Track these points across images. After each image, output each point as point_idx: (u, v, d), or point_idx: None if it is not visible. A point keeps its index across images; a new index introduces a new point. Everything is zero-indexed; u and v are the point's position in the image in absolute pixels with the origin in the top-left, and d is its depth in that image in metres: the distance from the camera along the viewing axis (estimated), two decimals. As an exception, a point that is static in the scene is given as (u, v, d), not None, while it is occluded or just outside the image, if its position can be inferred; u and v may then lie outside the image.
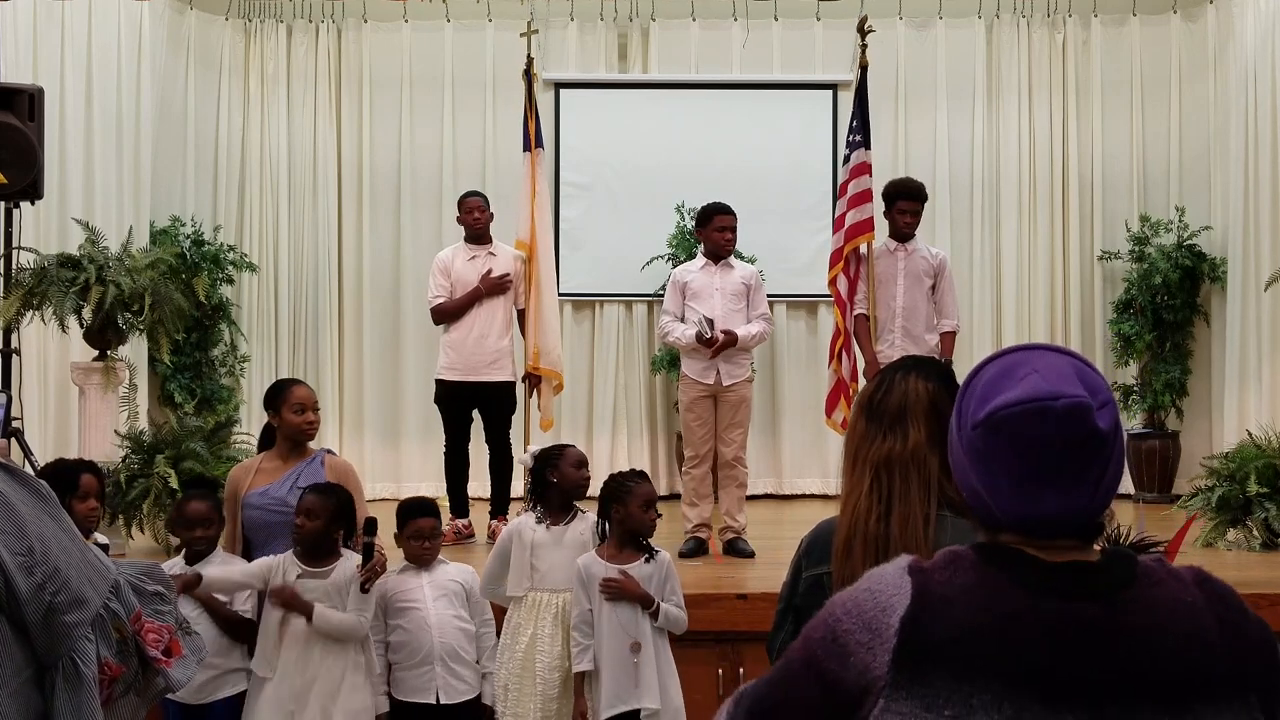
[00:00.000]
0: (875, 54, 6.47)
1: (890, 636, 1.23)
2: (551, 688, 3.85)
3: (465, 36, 8.40)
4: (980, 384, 1.31)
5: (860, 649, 1.24)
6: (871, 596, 1.27)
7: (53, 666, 1.31)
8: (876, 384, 2.02)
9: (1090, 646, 1.22)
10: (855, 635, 1.25)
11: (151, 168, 7.69)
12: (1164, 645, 1.22)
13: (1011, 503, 1.27)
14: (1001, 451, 1.26)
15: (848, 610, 1.27)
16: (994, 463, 1.27)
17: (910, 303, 5.82)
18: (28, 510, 1.31)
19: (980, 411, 1.27)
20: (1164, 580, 1.28)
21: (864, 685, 1.23)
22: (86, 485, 3.69)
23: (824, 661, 1.27)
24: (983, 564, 1.27)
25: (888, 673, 1.22)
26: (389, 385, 8.36)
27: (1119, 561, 1.29)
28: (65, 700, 1.32)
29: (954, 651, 1.21)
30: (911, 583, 1.26)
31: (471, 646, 3.94)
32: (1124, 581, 1.26)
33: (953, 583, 1.25)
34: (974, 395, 1.31)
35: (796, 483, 8.28)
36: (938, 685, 1.20)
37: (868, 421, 1.98)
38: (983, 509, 1.32)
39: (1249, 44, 7.46)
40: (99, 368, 5.78)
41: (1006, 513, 1.28)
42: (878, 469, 1.92)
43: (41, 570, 1.30)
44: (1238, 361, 7.41)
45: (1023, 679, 1.20)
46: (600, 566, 3.77)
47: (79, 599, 1.34)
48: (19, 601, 1.28)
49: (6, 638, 1.27)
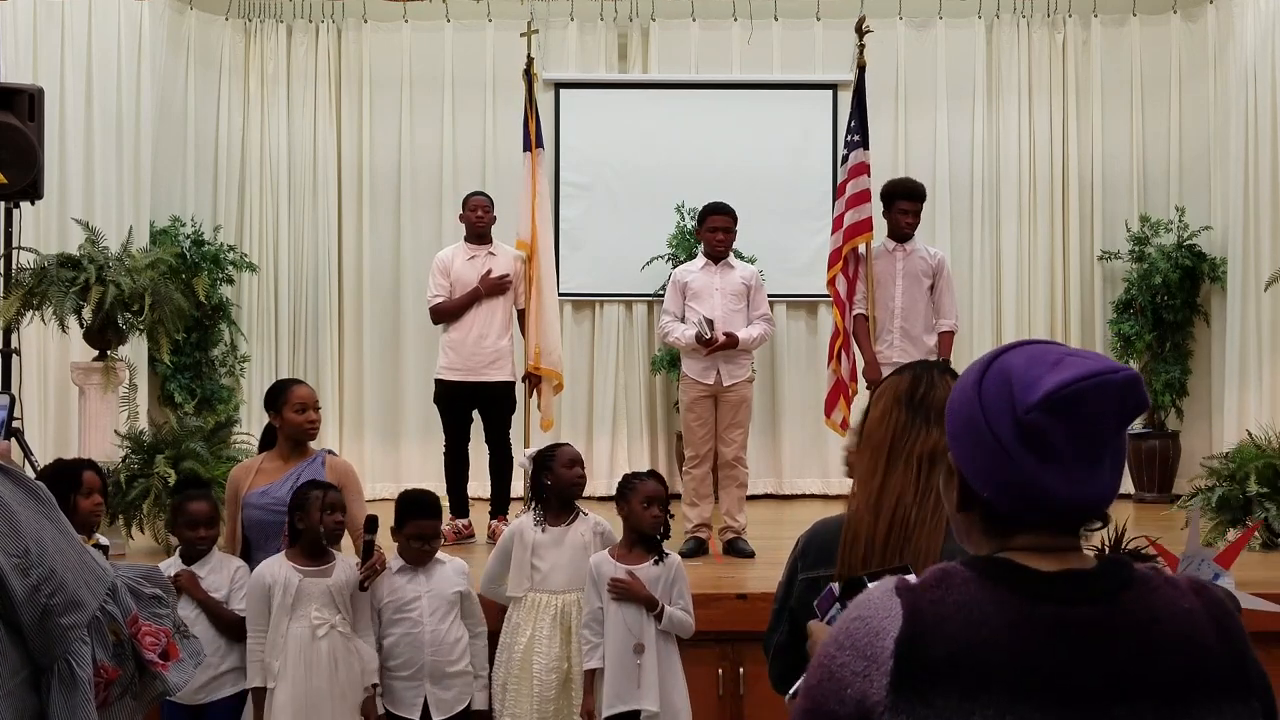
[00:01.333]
0: (875, 54, 6.47)
1: (886, 660, 1.22)
2: (548, 689, 3.86)
3: (465, 36, 8.40)
4: (1014, 373, 1.28)
5: (856, 678, 1.23)
6: (863, 624, 1.25)
7: (48, 669, 1.31)
8: (915, 379, 1.99)
9: (1091, 649, 1.21)
10: (850, 666, 1.24)
11: (151, 168, 7.69)
12: (1164, 647, 1.22)
13: (1064, 485, 1.25)
14: (1058, 432, 1.24)
15: (840, 645, 1.26)
16: (1050, 446, 1.25)
17: (909, 303, 5.81)
18: (24, 512, 1.31)
19: (1033, 394, 1.24)
20: (1160, 586, 1.28)
21: (864, 714, 1.22)
22: (89, 482, 3.70)
23: (821, 704, 1.26)
24: (977, 578, 1.26)
25: (886, 696, 1.21)
26: (389, 385, 8.36)
27: (1114, 567, 1.29)
28: (60, 703, 1.32)
29: (953, 669, 1.20)
30: (901, 603, 1.25)
31: (464, 657, 3.89)
32: (1121, 585, 1.26)
33: (946, 600, 1.24)
34: (1013, 384, 1.27)
35: (796, 483, 8.28)
36: (938, 705, 1.19)
37: (909, 414, 1.95)
38: (1018, 502, 1.28)
39: (1249, 44, 7.46)
40: (99, 368, 5.78)
41: (1058, 497, 1.26)
42: (921, 461, 1.91)
43: (37, 572, 1.29)
44: (1238, 361, 7.41)
45: (1025, 690, 1.19)
46: (610, 566, 3.79)
47: (75, 601, 1.33)
48: (14, 603, 1.27)
49: (2, 640, 1.27)
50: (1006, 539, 1.30)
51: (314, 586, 3.74)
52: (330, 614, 3.73)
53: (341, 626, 3.76)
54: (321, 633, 3.71)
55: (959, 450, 1.33)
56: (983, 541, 1.33)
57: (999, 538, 1.31)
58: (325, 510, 3.76)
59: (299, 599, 3.72)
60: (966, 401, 1.31)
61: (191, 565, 3.88)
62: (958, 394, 1.34)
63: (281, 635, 3.70)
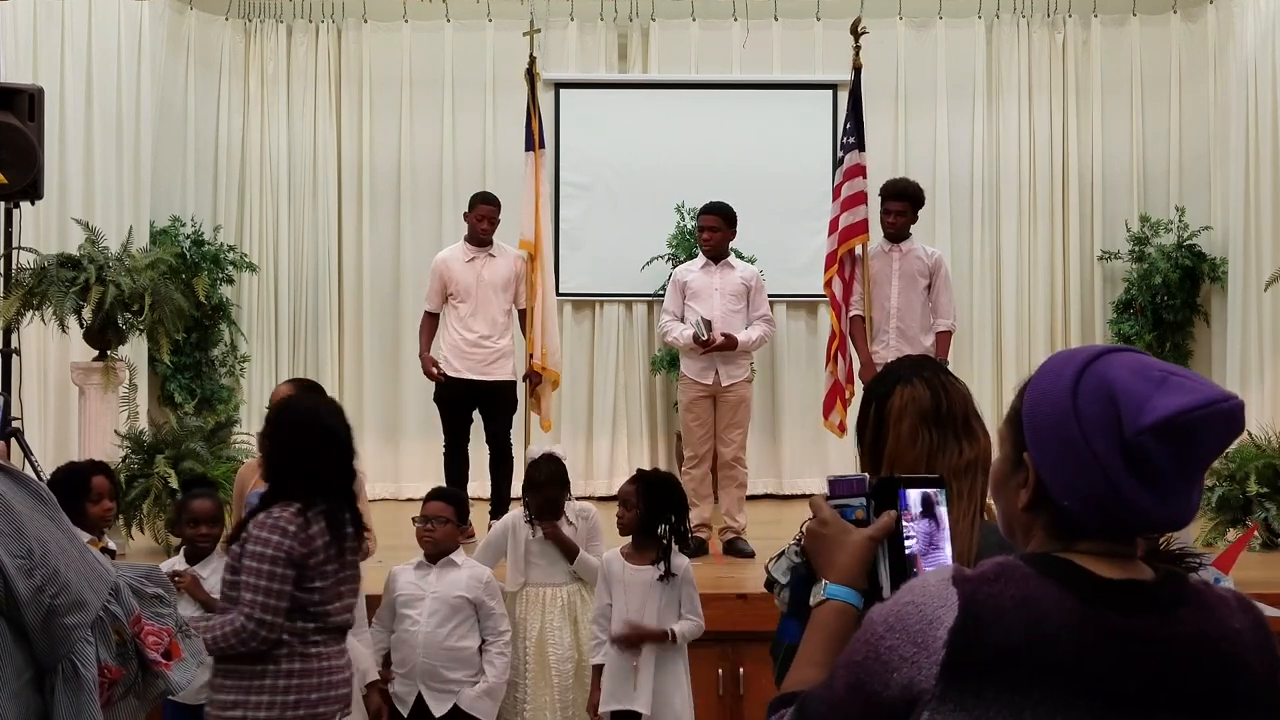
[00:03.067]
0: (875, 54, 6.48)
1: (938, 649, 1.21)
2: (566, 678, 3.93)
3: (465, 36, 8.40)
4: (1119, 389, 1.25)
5: (904, 663, 1.23)
6: (916, 609, 1.25)
7: (52, 669, 1.31)
8: (933, 395, 1.94)
9: (1142, 658, 1.22)
10: (899, 650, 1.23)
11: (151, 168, 7.69)
12: (1210, 664, 1.24)
13: (1158, 508, 1.25)
14: (1164, 457, 1.23)
15: (890, 626, 1.25)
16: (1156, 470, 1.24)
17: (905, 303, 5.80)
18: (27, 512, 1.31)
19: (1146, 418, 1.22)
20: (1215, 604, 1.29)
21: (909, 699, 1.22)
22: (99, 487, 3.71)
23: (866, 683, 1.25)
24: (1038, 576, 1.25)
25: (935, 684, 1.21)
26: (389, 385, 8.36)
27: (1173, 580, 1.30)
28: (65, 702, 1.32)
29: (1007, 663, 1.20)
30: (958, 593, 1.24)
31: (462, 666, 3.86)
32: (1179, 599, 1.27)
33: (1004, 594, 1.23)
34: (1119, 401, 1.25)
35: (796, 483, 8.27)
36: (988, 697, 1.19)
37: (939, 432, 1.91)
38: (1102, 517, 1.27)
39: (1249, 44, 7.46)
40: (99, 368, 5.78)
41: (1150, 518, 1.26)
42: (953, 476, 1.87)
43: (41, 573, 1.30)
44: (1238, 361, 7.40)
45: (1077, 690, 1.20)
46: (619, 565, 3.81)
47: (78, 601, 1.34)
48: (19, 604, 1.28)
49: (6, 640, 1.27)
50: (1071, 542, 1.30)
51: None
52: None
53: None
54: None
55: (1042, 458, 1.30)
56: (1043, 542, 1.32)
57: (1063, 540, 1.31)
58: None
59: None
60: (1060, 412, 1.28)
61: (194, 564, 3.87)
62: (1045, 401, 1.30)
63: None
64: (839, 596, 1.44)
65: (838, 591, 1.44)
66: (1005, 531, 1.40)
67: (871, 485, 1.51)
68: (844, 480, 1.53)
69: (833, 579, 1.45)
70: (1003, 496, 1.38)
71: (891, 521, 1.46)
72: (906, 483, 1.49)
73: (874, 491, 1.50)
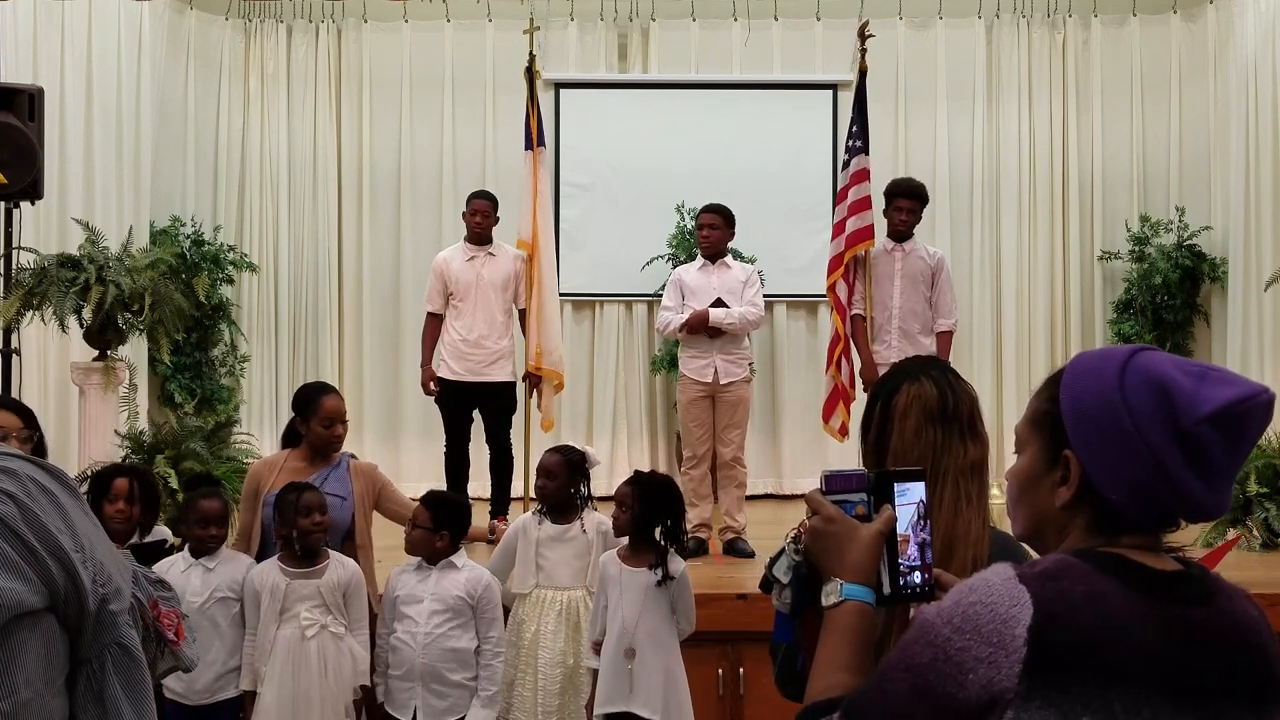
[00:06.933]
0: (875, 54, 6.46)
1: (1018, 648, 1.21)
2: (552, 683, 3.88)
3: (465, 36, 8.40)
4: (1171, 382, 1.28)
5: (980, 664, 1.22)
6: (987, 609, 1.24)
7: (90, 661, 1.34)
8: (940, 392, 1.94)
9: (1201, 648, 1.25)
10: (972, 651, 1.23)
11: (151, 168, 7.69)
12: (1248, 650, 1.28)
13: (1209, 496, 1.28)
14: (1218, 446, 1.26)
15: (957, 628, 1.24)
16: (1211, 459, 1.27)
17: (907, 303, 5.80)
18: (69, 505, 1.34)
19: (1204, 407, 1.25)
20: (1234, 594, 1.32)
21: (987, 700, 1.22)
22: (118, 489, 3.69)
23: (936, 686, 1.24)
24: (1098, 571, 1.26)
25: (1019, 683, 1.21)
26: (389, 385, 8.36)
27: (1204, 572, 1.33)
28: (119, 683, 1.35)
29: (1087, 658, 1.21)
30: (1029, 591, 1.24)
31: (462, 667, 3.84)
32: (1213, 590, 1.31)
33: (1074, 590, 1.24)
34: (1173, 394, 1.27)
35: (796, 483, 8.26)
36: (1075, 692, 1.20)
37: (944, 431, 1.91)
38: (1153, 508, 1.30)
39: (1249, 44, 7.46)
40: (99, 368, 5.79)
41: (1201, 507, 1.29)
42: (959, 476, 1.89)
43: (92, 564, 1.33)
44: (1238, 362, 7.40)
45: (1155, 681, 1.22)
46: (616, 568, 3.79)
47: (118, 589, 1.38)
48: (82, 597, 1.30)
49: (56, 638, 1.30)
50: (1114, 537, 1.31)
51: (304, 588, 3.74)
52: (321, 615, 3.73)
53: (333, 627, 3.75)
54: (311, 633, 3.70)
55: (1089, 454, 1.31)
56: (1083, 539, 1.33)
57: (1105, 535, 1.32)
58: (301, 512, 3.76)
59: (289, 600, 3.72)
60: (1109, 406, 1.29)
61: (200, 561, 3.85)
62: (1088, 397, 1.31)
63: (269, 639, 3.71)
64: (857, 596, 1.43)
65: (855, 591, 1.43)
66: (1030, 533, 1.40)
67: (872, 481, 1.50)
68: (842, 475, 1.51)
69: (847, 578, 1.43)
70: (1031, 497, 1.38)
71: (894, 516, 1.46)
72: (897, 476, 1.49)
73: (873, 486, 1.49)
